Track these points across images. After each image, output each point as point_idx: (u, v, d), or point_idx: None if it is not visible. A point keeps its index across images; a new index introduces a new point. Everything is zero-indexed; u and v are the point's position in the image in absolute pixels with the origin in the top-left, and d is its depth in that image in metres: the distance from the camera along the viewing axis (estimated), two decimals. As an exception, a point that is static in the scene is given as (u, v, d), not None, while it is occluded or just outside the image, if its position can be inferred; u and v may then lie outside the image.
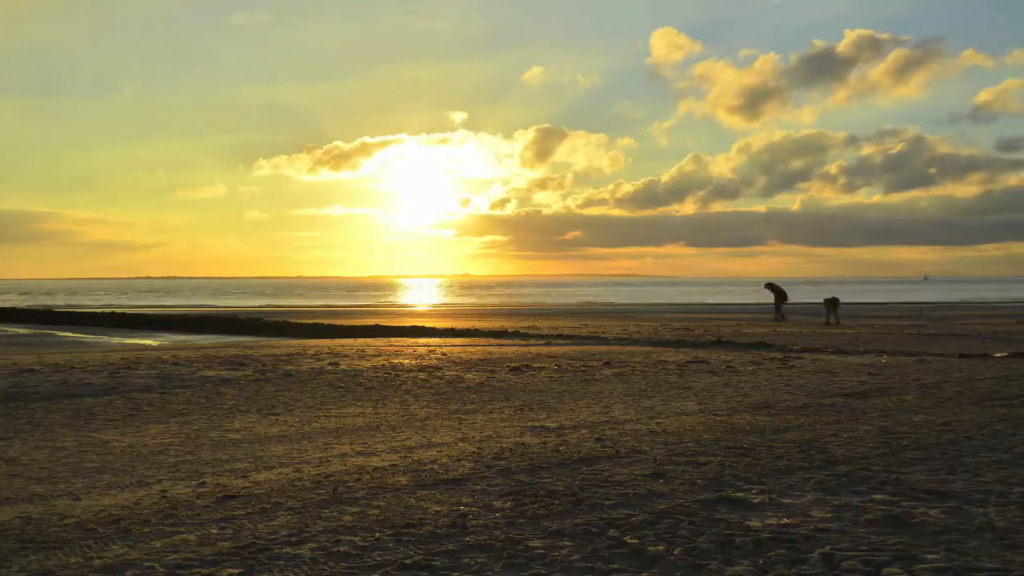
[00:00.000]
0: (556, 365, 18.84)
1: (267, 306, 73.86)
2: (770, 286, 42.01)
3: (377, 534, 6.01)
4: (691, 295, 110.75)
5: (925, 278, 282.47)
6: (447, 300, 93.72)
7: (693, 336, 29.01)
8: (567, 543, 5.75)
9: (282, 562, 5.43)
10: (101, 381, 16.18)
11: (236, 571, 5.27)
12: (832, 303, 37.83)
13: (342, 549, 5.67)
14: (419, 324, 37.57)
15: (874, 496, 6.91)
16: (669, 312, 54.07)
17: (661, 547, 5.62)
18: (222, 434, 10.74)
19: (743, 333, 30.36)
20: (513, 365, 18.69)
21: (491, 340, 28.99)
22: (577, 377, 16.74)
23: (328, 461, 8.83)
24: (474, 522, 6.27)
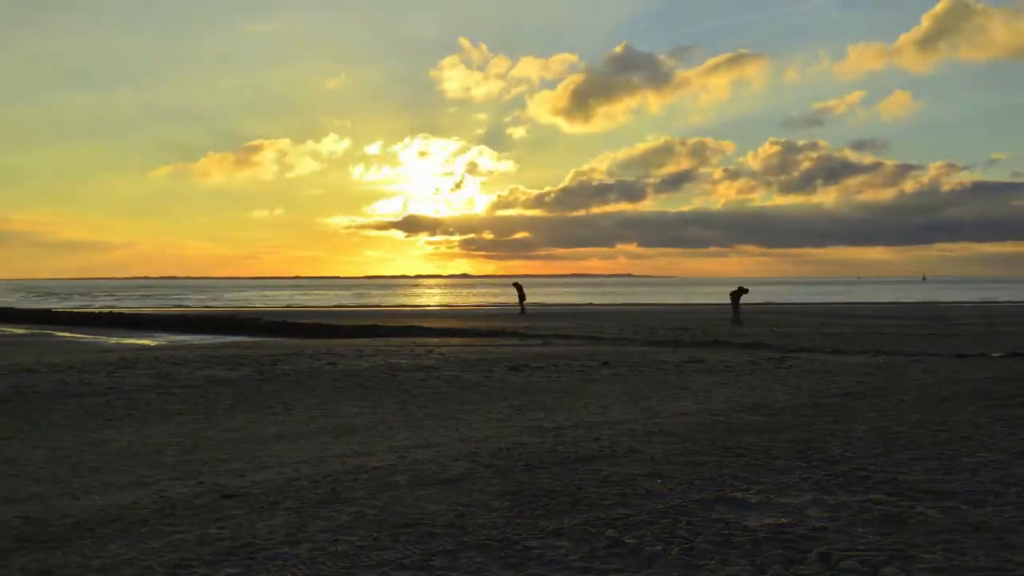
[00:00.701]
0: (554, 365, 18.85)
1: (266, 306, 73.84)
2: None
3: (375, 534, 6.01)
4: (685, 296, 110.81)
5: (924, 278, 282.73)
6: (446, 300, 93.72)
7: (690, 336, 29.03)
8: (565, 543, 5.76)
9: (280, 562, 5.43)
10: (99, 381, 16.18)
11: (234, 571, 5.27)
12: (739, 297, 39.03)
13: (340, 549, 5.68)
14: (416, 324, 37.57)
15: (871, 496, 6.92)
16: (669, 312, 54.10)
17: (659, 547, 5.63)
18: (220, 434, 10.74)
19: (740, 333, 30.38)
20: (511, 365, 18.70)
21: (489, 340, 29.00)
22: (575, 377, 16.75)
23: (326, 461, 8.83)
24: (472, 522, 6.28)
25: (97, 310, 61.36)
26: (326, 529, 6.15)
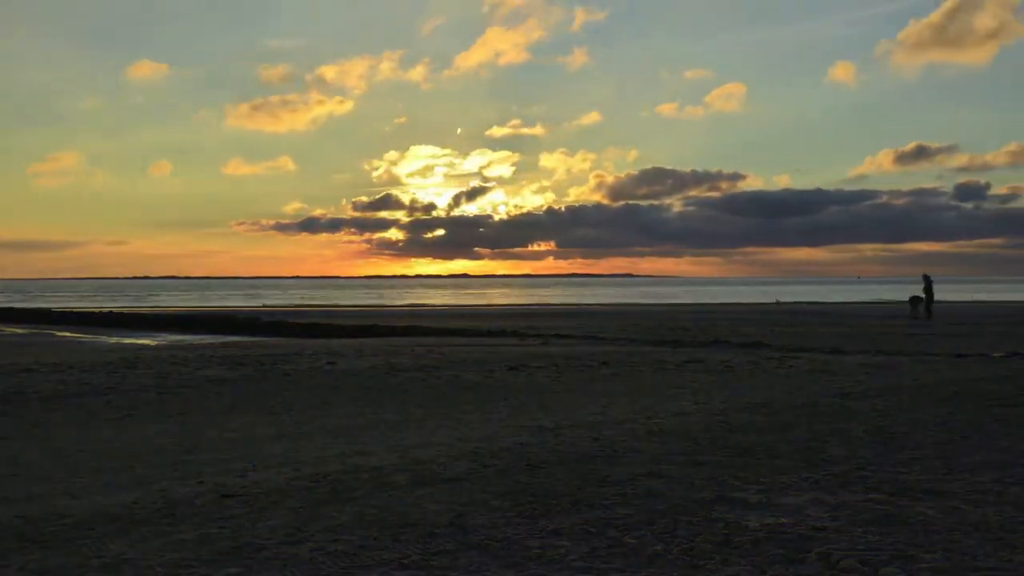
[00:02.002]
0: (554, 365, 18.85)
1: (265, 306, 73.83)
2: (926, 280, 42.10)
3: (375, 534, 6.01)
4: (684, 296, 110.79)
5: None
6: (446, 300, 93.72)
7: (690, 336, 29.04)
8: (565, 542, 5.75)
9: (280, 562, 5.43)
10: (99, 381, 16.18)
11: (234, 571, 5.27)
12: (917, 299, 42.53)
13: (340, 548, 5.68)
14: (416, 324, 37.57)
15: (872, 495, 6.92)
16: (668, 312, 54.11)
17: (659, 546, 5.63)
18: (220, 433, 10.74)
19: (740, 333, 30.39)
20: (511, 365, 18.70)
21: (488, 339, 29.00)
22: (575, 377, 16.75)
23: (326, 460, 8.83)
24: (472, 521, 6.28)
25: (97, 310, 61.37)
26: (326, 529, 6.15)
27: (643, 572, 5.18)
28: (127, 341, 34.90)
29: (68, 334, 40.89)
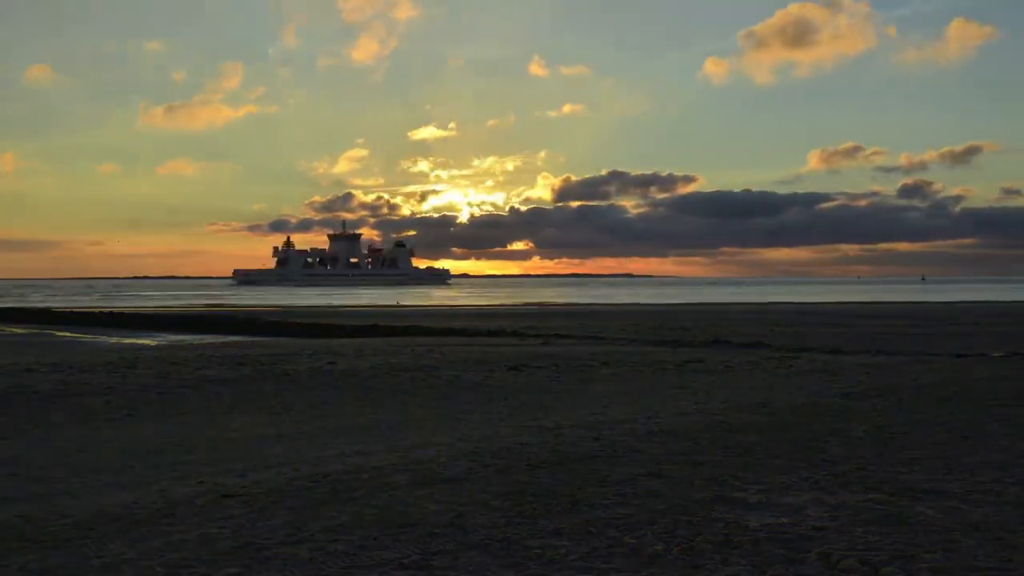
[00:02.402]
0: (554, 365, 18.85)
1: (264, 305, 73.82)
2: None
3: (375, 534, 6.01)
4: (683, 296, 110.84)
5: (923, 279, 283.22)
6: (446, 301, 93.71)
7: (690, 336, 29.04)
8: (565, 542, 5.75)
9: (280, 562, 5.43)
10: (99, 381, 16.19)
11: (234, 571, 5.27)
12: None
13: (340, 548, 5.68)
14: (416, 324, 37.58)
15: (871, 496, 6.92)
16: (668, 312, 54.12)
17: (659, 546, 5.63)
18: (220, 433, 10.74)
19: (740, 333, 30.39)
20: (511, 365, 18.70)
21: (489, 339, 29.00)
22: (575, 377, 16.75)
23: (326, 460, 8.83)
24: (472, 521, 6.28)
25: (98, 310, 61.38)
26: (326, 529, 6.15)
27: (643, 572, 5.18)
28: (127, 341, 34.90)
29: (68, 334, 40.90)
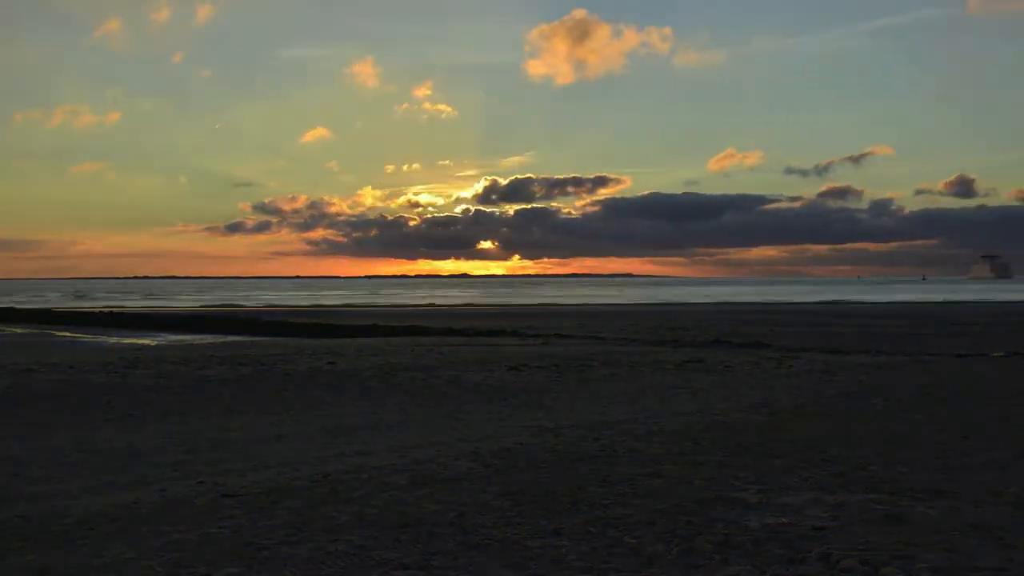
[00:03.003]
0: (554, 365, 18.84)
1: (264, 305, 73.81)
2: None
3: (375, 533, 6.01)
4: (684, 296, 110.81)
5: (924, 278, 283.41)
6: (445, 300, 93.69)
7: (690, 336, 29.04)
8: (565, 542, 5.75)
9: (280, 561, 5.43)
10: (100, 381, 16.18)
11: (234, 570, 5.27)
12: None
13: (340, 548, 5.67)
14: (416, 324, 37.57)
15: (871, 496, 6.92)
16: (668, 312, 54.10)
17: (659, 547, 5.63)
18: (220, 433, 10.74)
19: (740, 333, 30.38)
20: (511, 365, 18.69)
21: (489, 340, 28.99)
22: (575, 377, 16.75)
23: (326, 460, 8.83)
24: (472, 521, 6.28)
25: (98, 310, 61.38)
26: (326, 529, 6.14)
27: (643, 572, 5.18)
28: (127, 341, 34.89)
29: (68, 334, 40.89)
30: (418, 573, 5.20)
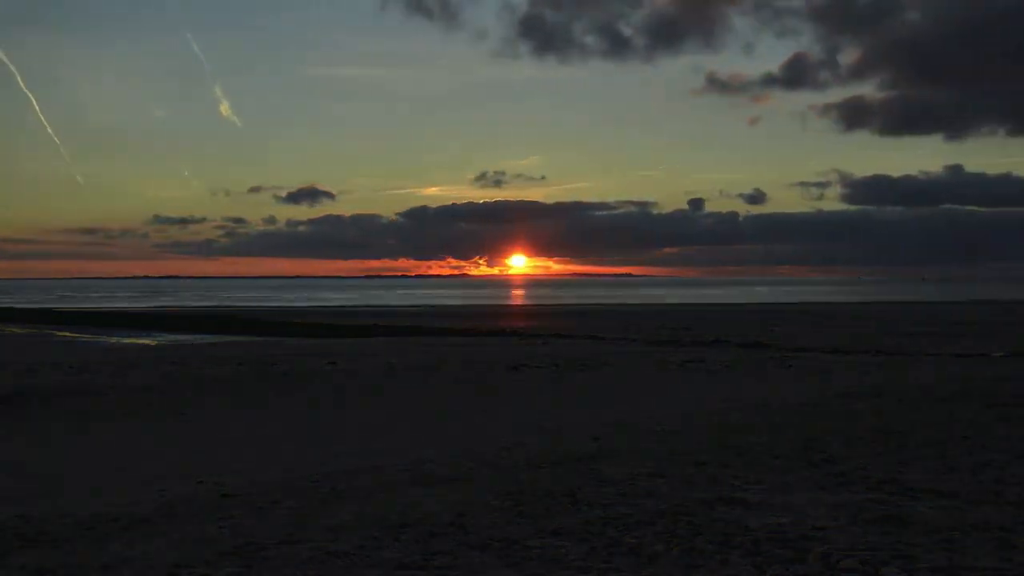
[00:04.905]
0: (554, 364, 18.84)
1: (265, 305, 73.81)
2: None
3: (375, 533, 6.01)
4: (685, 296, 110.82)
5: (923, 279, 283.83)
6: (444, 300, 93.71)
7: (690, 336, 29.03)
8: (565, 542, 5.75)
9: (280, 561, 5.43)
10: (99, 381, 16.18)
11: (234, 571, 5.27)
12: None
13: (340, 548, 5.67)
14: (416, 324, 37.56)
15: (871, 496, 6.91)
16: (667, 311, 54.12)
17: (659, 547, 5.63)
18: (220, 433, 10.74)
19: (740, 333, 30.38)
20: (511, 365, 18.70)
21: (488, 339, 28.99)
22: (575, 377, 16.75)
23: (326, 460, 8.83)
24: (472, 521, 6.27)
25: (98, 309, 61.37)
26: (326, 528, 6.14)
27: (643, 572, 5.18)
28: (127, 341, 34.88)
29: (68, 334, 40.88)
30: (418, 573, 5.19)
